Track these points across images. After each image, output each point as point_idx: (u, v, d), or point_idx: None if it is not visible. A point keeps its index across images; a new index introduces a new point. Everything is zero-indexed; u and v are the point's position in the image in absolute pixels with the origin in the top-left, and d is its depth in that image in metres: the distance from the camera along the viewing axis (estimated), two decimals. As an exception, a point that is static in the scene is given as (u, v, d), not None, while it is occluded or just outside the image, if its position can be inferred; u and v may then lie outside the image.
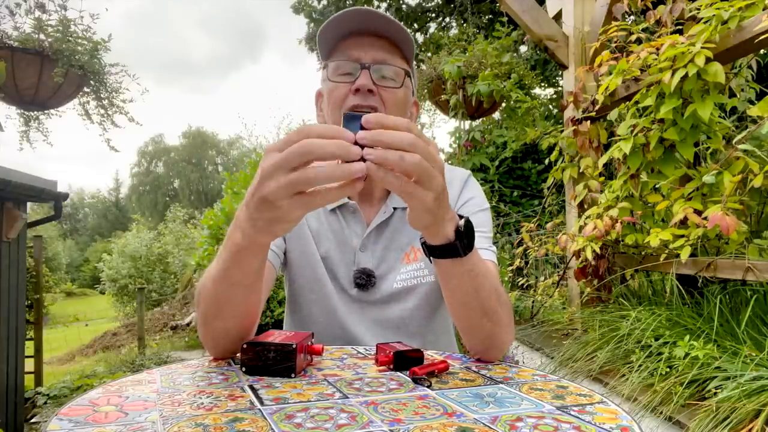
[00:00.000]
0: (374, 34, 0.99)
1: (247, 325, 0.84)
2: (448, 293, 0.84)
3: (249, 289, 0.78)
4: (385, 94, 0.98)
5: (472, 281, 0.80)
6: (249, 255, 0.72)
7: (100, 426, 0.55)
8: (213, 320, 0.82)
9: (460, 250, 0.75)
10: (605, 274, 2.55)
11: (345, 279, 1.06)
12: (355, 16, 0.96)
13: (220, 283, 0.76)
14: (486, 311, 0.82)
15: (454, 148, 6.00)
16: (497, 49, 5.02)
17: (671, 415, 1.64)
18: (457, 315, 0.87)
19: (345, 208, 1.08)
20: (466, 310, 0.84)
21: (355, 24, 0.98)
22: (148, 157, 44.90)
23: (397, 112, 0.99)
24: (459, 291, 0.82)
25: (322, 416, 0.58)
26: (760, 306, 1.85)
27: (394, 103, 0.99)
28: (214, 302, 0.79)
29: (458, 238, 0.74)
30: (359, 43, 0.99)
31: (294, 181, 0.58)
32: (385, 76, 0.99)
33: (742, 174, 1.85)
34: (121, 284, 13.56)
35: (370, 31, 0.99)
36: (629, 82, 2.39)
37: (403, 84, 1.00)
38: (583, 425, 0.57)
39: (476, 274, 0.80)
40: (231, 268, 0.74)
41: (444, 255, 0.76)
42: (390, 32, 0.99)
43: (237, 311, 0.81)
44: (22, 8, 3.65)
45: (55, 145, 4.23)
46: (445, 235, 0.74)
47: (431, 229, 0.73)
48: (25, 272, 5.44)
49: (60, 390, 5.26)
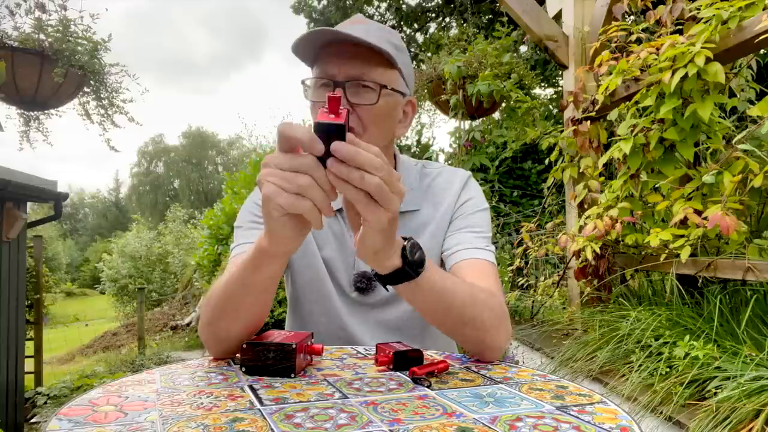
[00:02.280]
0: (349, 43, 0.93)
1: (252, 328, 0.85)
2: (423, 314, 0.85)
3: (263, 293, 0.81)
4: (361, 112, 0.94)
5: (438, 298, 0.80)
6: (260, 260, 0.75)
7: (100, 426, 0.55)
8: (219, 321, 0.82)
9: (411, 272, 0.74)
10: (605, 274, 2.55)
11: (345, 282, 1.06)
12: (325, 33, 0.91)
13: (235, 285, 0.79)
14: (465, 321, 0.83)
15: (454, 148, 6.00)
16: (497, 49, 5.02)
17: (671, 415, 1.64)
18: (441, 329, 0.87)
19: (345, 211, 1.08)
20: (445, 325, 0.85)
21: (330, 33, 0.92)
22: (148, 157, 44.89)
23: (377, 126, 0.95)
24: (428, 309, 0.82)
25: (322, 416, 0.58)
26: (760, 306, 1.85)
27: (372, 120, 0.94)
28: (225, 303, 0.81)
29: (405, 261, 0.74)
30: (337, 54, 0.93)
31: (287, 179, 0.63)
32: (361, 92, 0.93)
33: (742, 174, 1.85)
34: (121, 284, 13.57)
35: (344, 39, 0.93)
36: (629, 82, 2.39)
37: (380, 98, 0.94)
38: (582, 425, 0.57)
39: (440, 290, 0.79)
40: (248, 271, 0.77)
41: (397, 281, 0.76)
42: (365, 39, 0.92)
43: (246, 314, 0.82)
44: (22, 8, 3.65)
45: (55, 145, 4.22)
46: (393, 264, 0.73)
47: (380, 255, 0.72)
48: (25, 272, 5.44)
49: (60, 390, 5.26)
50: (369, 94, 0.93)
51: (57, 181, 5.55)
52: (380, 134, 0.97)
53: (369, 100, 0.93)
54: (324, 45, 0.94)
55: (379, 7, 11.65)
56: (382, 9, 11.68)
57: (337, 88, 0.92)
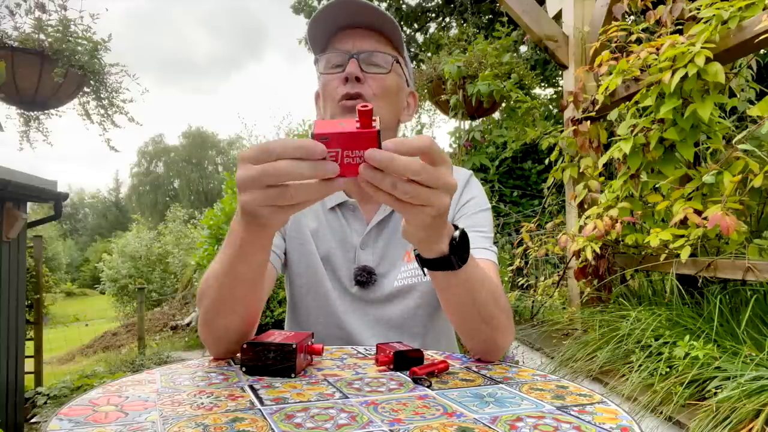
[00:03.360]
0: (362, 27, 1.02)
1: (248, 324, 0.84)
2: (444, 303, 0.84)
3: (252, 284, 0.78)
4: (372, 82, 1.00)
5: (467, 291, 0.79)
6: (253, 248, 0.72)
7: (100, 426, 0.55)
8: (215, 317, 0.81)
9: (454, 263, 0.73)
10: (605, 274, 2.55)
11: (345, 277, 1.05)
12: (343, 8, 0.98)
13: (225, 278, 0.76)
14: (484, 318, 0.82)
15: (454, 148, 6.00)
16: (497, 49, 5.02)
17: (671, 415, 1.64)
18: (455, 322, 0.87)
19: (344, 207, 1.08)
20: (463, 318, 0.84)
21: (343, 19, 1.00)
22: (148, 157, 44.89)
23: (386, 99, 1.01)
24: (455, 301, 0.82)
25: (322, 416, 0.58)
26: (760, 306, 1.85)
27: (383, 90, 1.01)
28: (217, 298, 0.79)
29: (452, 251, 0.72)
30: (349, 36, 1.01)
31: (270, 196, 0.59)
32: (373, 63, 1.00)
33: (742, 174, 1.85)
34: (121, 284, 13.56)
35: (358, 24, 1.02)
36: (629, 82, 2.39)
37: (392, 70, 1.02)
38: (583, 425, 0.57)
39: (472, 284, 0.79)
40: (236, 262, 0.74)
41: (438, 268, 0.75)
42: (377, 24, 1.01)
43: (239, 308, 0.81)
44: (22, 8, 3.65)
45: (55, 145, 4.22)
46: (439, 250, 0.72)
47: (425, 244, 0.72)
48: (25, 272, 5.44)
49: (60, 390, 5.26)
50: (381, 67, 1.01)
51: (57, 181, 5.55)
52: (389, 109, 1.02)
53: (381, 70, 1.01)
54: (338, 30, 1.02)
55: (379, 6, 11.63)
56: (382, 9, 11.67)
57: (352, 59, 0.98)
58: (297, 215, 1.07)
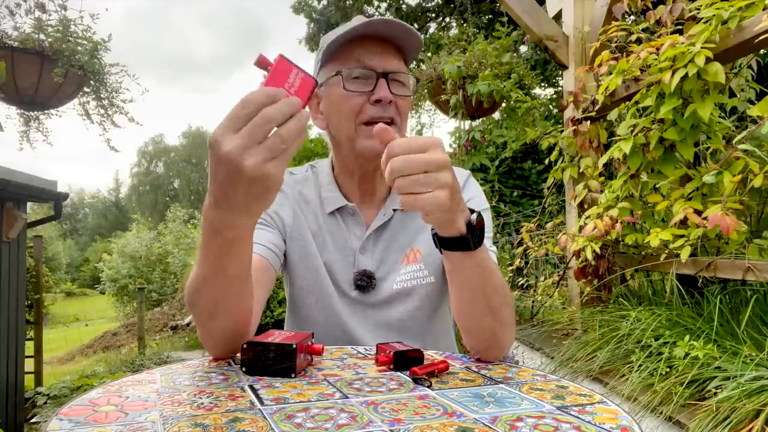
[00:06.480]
0: (378, 36, 0.98)
1: (244, 323, 0.82)
2: (455, 288, 0.85)
3: (244, 281, 0.77)
4: (400, 104, 0.99)
5: (479, 276, 0.81)
6: (240, 243, 0.71)
7: (100, 426, 0.55)
8: (208, 320, 0.80)
9: (471, 244, 0.76)
10: (605, 274, 2.55)
11: (345, 281, 1.05)
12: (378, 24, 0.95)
13: (214, 280, 0.74)
14: (491, 309, 0.83)
15: (454, 148, 6.00)
16: (497, 49, 5.01)
17: (671, 415, 1.64)
18: (462, 312, 0.86)
19: (344, 211, 1.08)
20: (471, 307, 0.84)
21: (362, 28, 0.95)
22: (148, 157, 44.92)
23: (406, 120, 1.03)
24: (466, 286, 0.82)
25: (323, 416, 0.58)
26: (760, 306, 1.85)
27: (405, 112, 1.02)
28: (210, 302, 0.78)
29: (470, 231, 0.76)
30: (368, 50, 0.97)
31: (271, 148, 0.61)
32: (399, 83, 0.99)
33: (742, 174, 1.85)
34: (121, 284, 13.55)
35: (376, 34, 0.97)
36: (629, 82, 2.39)
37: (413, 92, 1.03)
38: (583, 425, 0.57)
39: (484, 270, 0.81)
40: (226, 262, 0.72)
41: (455, 247, 0.78)
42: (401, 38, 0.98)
43: (231, 308, 0.79)
44: (22, 8, 3.64)
45: (55, 145, 4.21)
46: (457, 228, 0.75)
47: (444, 223, 0.75)
48: (25, 272, 5.44)
49: (60, 390, 5.26)
50: (405, 87, 1.01)
51: (57, 181, 5.55)
52: (403, 128, 1.04)
53: (406, 92, 1.01)
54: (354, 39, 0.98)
55: (379, 7, 11.64)
56: (382, 9, 11.68)
57: (382, 79, 0.97)
58: (298, 218, 1.07)
